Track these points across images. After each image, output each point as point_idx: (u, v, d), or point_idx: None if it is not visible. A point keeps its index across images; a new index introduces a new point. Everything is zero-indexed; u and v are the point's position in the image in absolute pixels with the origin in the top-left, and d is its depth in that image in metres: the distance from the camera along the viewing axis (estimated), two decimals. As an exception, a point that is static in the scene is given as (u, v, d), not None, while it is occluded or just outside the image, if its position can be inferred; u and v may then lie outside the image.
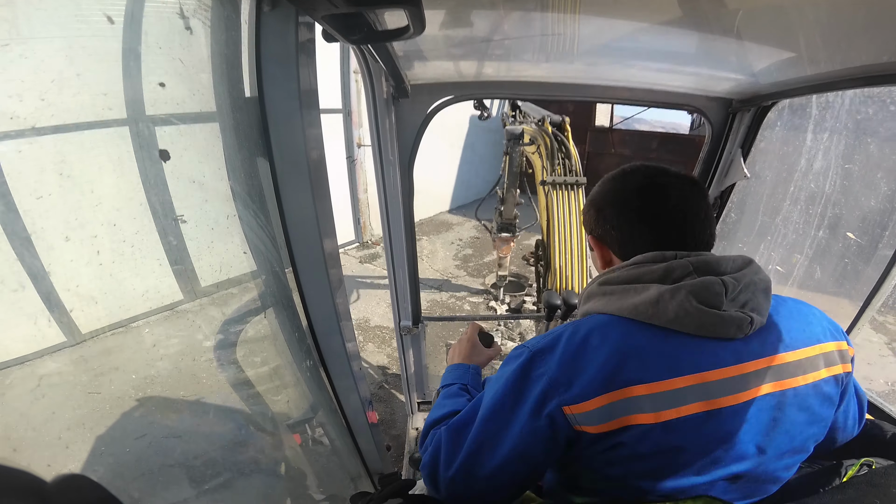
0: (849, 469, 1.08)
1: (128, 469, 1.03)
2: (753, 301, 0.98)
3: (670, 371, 0.92)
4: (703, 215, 1.10)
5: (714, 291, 0.94)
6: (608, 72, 2.18)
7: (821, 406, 1.01)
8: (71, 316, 0.94)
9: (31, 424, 0.85)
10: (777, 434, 0.97)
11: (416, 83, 2.24)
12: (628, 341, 0.96)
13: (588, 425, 0.94)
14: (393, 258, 2.78)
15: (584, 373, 0.94)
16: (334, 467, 2.00)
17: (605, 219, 1.17)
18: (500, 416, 1.02)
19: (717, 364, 0.94)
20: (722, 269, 1.00)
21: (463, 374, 1.49)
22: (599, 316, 1.05)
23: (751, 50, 1.59)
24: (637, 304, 0.99)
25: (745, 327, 0.95)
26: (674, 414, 0.91)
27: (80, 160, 0.90)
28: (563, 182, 3.28)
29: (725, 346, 0.96)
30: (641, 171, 1.14)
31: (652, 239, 1.09)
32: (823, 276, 3.37)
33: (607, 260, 1.21)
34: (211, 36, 1.02)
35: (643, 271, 1.03)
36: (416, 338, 3.28)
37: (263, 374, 1.49)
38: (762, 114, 2.31)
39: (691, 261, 1.00)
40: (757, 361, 0.96)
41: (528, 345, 1.06)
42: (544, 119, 3.80)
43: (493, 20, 1.42)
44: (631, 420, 0.92)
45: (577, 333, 1.00)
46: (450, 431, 1.09)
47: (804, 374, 0.99)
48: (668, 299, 0.95)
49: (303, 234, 1.27)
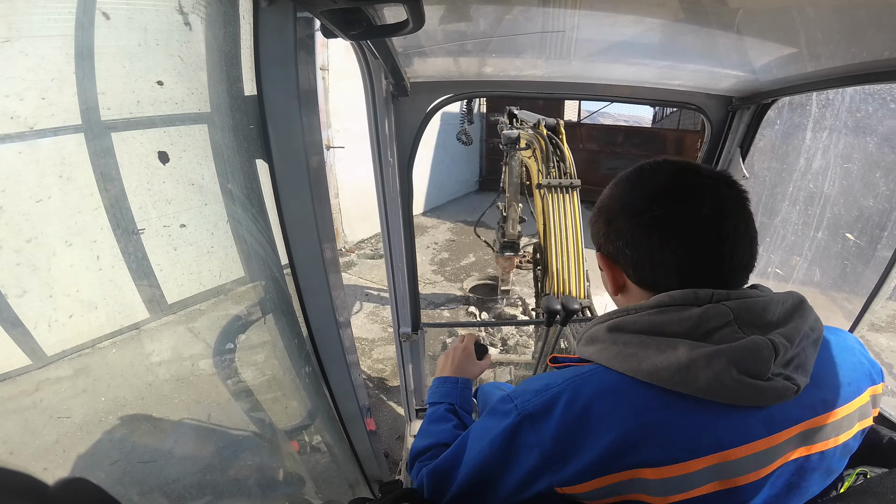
0: (846, 479, 1.01)
1: (126, 473, 1.02)
2: (800, 357, 0.81)
3: (689, 452, 0.77)
4: (744, 228, 0.86)
5: (762, 359, 0.75)
6: (608, 70, 2.18)
7: (840, 462, 0.89)
8: (71, 322, 0.93)
9: (28, 429, 0.84)
10: (791, 498, 0.84)
11: (416, 81, 2.24)
12: (642, 417, 0.78)
13: (584, 500, 0.82)
14: (392, 263, 2.76)
15: (583, 452, 0.79)
16: (332, 474, 1.99)
17: (616, 232, 0.92)
18: (484, 477, 0.90)
19: (744, 439, 0.78)
20: (769, 317, 0.81)
21: (451, 390, 1.38)
22: (606, 373, 0.85)
23: (751, 46, 1.59)
24: (660, 367, 0.78)
25: (788, 396, 0.78)
26: (683, 496, 0.78)
27: (81, 162, 0.88)
28: (558, 185, 3.28)
29: (758, 416, 0.79)
30: (664, 169, 0.91)
31: (675, 262, 0.86)
32: (823, 278, 3.36)
33: (620, 285, 0.99)
34: (209, 32, 1.01)
35: (668, 319, 0.82)
36: (415, 344, 3.26)
37: (262, 379, 1.48)
38: (762, 112, 2.32)
39: (731, 307, 0.79)
40: (791, 429, 0.81)
41: (517, 402, 0.88)
42: (539, 122, 3.83)
43: (493, 17, 1.42)
44: (633, 498, 0.80)
45: (578, 399, 0.82)
46: (431, 476, 0.99)
47: (837, 436, 0.85)
48: (703, 367, 0.75)
49: (302, 238, 1.27)
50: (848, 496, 0.91)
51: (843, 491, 1.00)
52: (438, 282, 8.57)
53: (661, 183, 0.89)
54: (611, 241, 0.94)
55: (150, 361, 1.10)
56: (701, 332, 0.79)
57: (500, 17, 1.41)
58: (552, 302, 2.39)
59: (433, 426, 1.26)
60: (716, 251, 0.84)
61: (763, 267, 3.31)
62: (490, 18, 1.44)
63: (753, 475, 0.79)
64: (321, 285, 1.35)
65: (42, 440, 0.85)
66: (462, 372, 1.47)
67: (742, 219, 0.86)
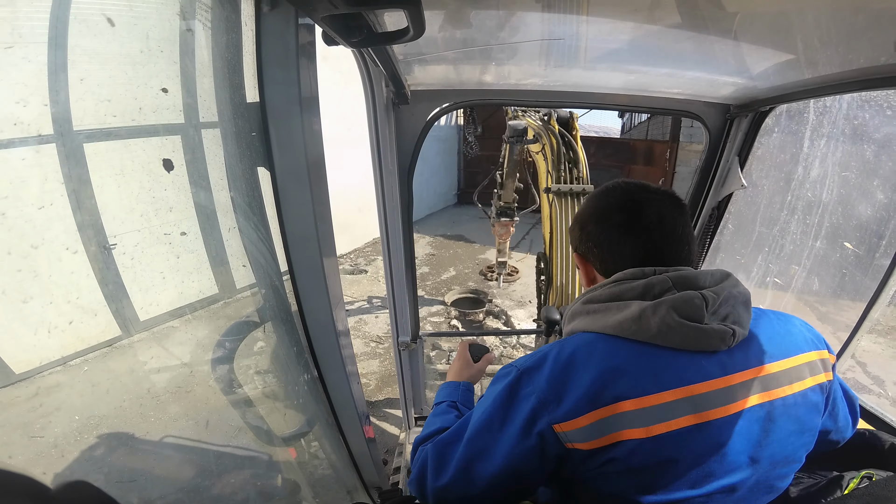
0: (850, 481, 1.11)
1: (124, 477, 1.02)
2: (734, 314, 1.01)
3: (657, 385, 0.93)
4: (680, 231, 1.11)
5: (694, 305, 0.96)
6: (606, 78, 2.19)
7: (808, 415, 1.02)
8: (71, 328, 0.93)
9: (28, 433, 0.84)
10: (769, 444, 0.97)
11: (417, 89, 2.25)
12: (614, 358, 0.97)
13: (579, 442, 0.94)
14: (392, 272, 2.76)
15: (572, 390, 0.95)
16: (331, 480, 1.98)
17: (587, 236, 1.18)
18: (488, 435, 1.03)
19: (703, 377, 0.95)
20: (700, 283, 1.02)
21: (453, 391, 1.50)
22: (584, 334, 1.06)
23: (749, 53, 1.61)
24: (620, 320, 1.00)
25: (728, 339, 0.97)
26: (664, 428, 0.92)
27: (84, 169, 0.88)
28: (569, 191, 3.02)
29: (710, 359, 0.97)
30: (621, 188, 1.16)
31: (631, 255, 1.11)
32: (821, 287, 3.37)
33: (591, 278, 1.24)
34: (212, 38, 1.01)
35: (624, 288, 1.05)
36: (413, 353, 3.26)
37: (261, 386, 1.47)
38: (760, 120, 2.33)
39: (670, 276, 1.02)
40: (743, 373, 0.97)
41: (517, 364, 1.07)
42: (550, 115, 3.53)
43: (493, 25, 1.43)
44: (622, 435, 0.92)
45: (564, 352, 1.01)
46: (436, 447, 1.12)
47: (790, 384, 1.00)
48: (650, 315, 0.97)
49: (302, 245, 1.27)
50: (852, 497, 0.96)
51: (848, 493, 1.03)
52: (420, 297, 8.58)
53: (621, 198, 1.14)
54: (584, 243, 1.20)
55: (149, 368, 1.10)
56: (650, 295, 1.02)
57: (501, 25, 1.42)
58: (552, 312, 2.42)
59: (437, 417, 1.36)
60: (659, 247, 1.10)
61: (762, 276, 3.31)
62: (490, 27, 1.45)
63: (721, 411, 0.94)
64: (321, 293, 1.35)
65: (41, 443, 0.85)
66: (462, 376, 1.58)
67: (680, 224, 1.11)
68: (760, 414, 0.96)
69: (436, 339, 6.34)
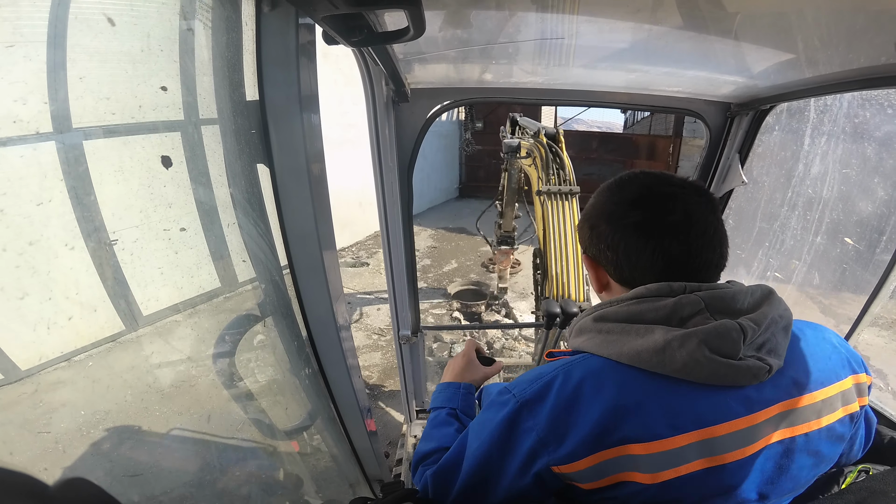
0: (848, 475, 1.07)
1: (126, 473, 1.02)
2: (772, 342, 0.87)
3: (672, 429, 0.83)
4: (712, 231, 0.94)
5: (731, 339, 0.82)
6: (607, 77, 2.19)
7: (830, 447, 0.92)
8: (71, 324, 0.93)
9: (31, 430, 0.84)
10: (781, 481, 0.88)
11: (417, 87, 2.25)
12: (626, 395, 0.85)
13: (579, 482, 0.88)
14: (392, 267, 2.77)
15: (575, 430, 0.85)
16: (333, 474, 1.99)
17: (598, 236, 1.02)
18: (487, 469, 0.95)
19: (725, 417, 0.84)
20: (738, 306, 0.89)
21: (453, 395, 1.41)
22: (593, 359, 0.92)
23: (749, 52, 1.60)
24: (639, 350, 0.86)
25: (762, 375, 0.84)
26: (672, 474, 0.83)
27: (82, 166, 0.89)
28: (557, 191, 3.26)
29: (736, 395, 0.85)
30: (639, 180, 1.01)
31: (652, 260, 0.95)
32: (822, 282, 3.37)
33: (604, 283, 1.08)
34: (212, 37, 1.01)
35: (646, 308, 0.90)
36: (414, 347, 3.27)
37: (263, 381, 1.48)
38: (760, 118, 2.32)
39: (703, 296, 0.87)
40: (770, 409, 0.86)
41: (514, 391, 0.95)
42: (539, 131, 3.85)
43: (493, 24, 1.43)
44: (625, 477, 0.84)
45: (569, 382, 0.89)
46: (435, 477, 1.04)
47: (818, 419, 0.89)
48: (677, 348, 0.83)
49: (302, 241, 1.27)
50: (850, 491, 0.93)
51: (846, 487, 1.02)
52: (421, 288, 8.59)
53: (638, 192, 0.99)
54: (594, 245, 1.04)
55: (150, 363, 1.11)
56: (676, 319, 0.88)
57: (501, 24, 1.42)
58: (552, 305, 2.41)
59: (435, 430, 1.28)
60: (687, 252, 0.93)
61: (763, 271, 3.32)
62: (490, 25, 1.45)
63: (738, 453, 0.84)
64: (321, 288, 1.35)
65: (43, 441, 0.85)
66: (464, 377, 1.49)
67: (711, 223, 0.95)
68: (778, 450, 0.87)
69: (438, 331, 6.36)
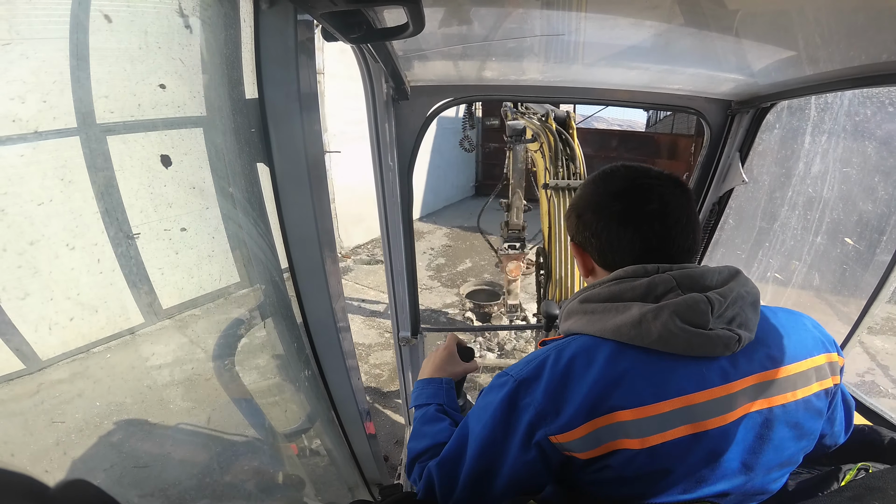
0: (846, 473, 1.09)
1: (125, 476, 1.02)
2: (741, 316, 0.95)
3: (655, 395, 0.89)
4: (685, 219, 1.04)
5: (699, 310, 0.91)
6: (607, 74, 2.19)
7: (809, 420, 0.98)
8: (72, 324, 0.93)
9: (28, 431, 0.84)
10: (764, 451, 0.94)
11: (416, 85, 2.24)
12: (612, 366, 0.92)
13: (576, 452, 0.92)
14: (392, 267, 2.77)
15: (570, 401, 0.91)
16: (332, 477, 1.98)
17: (584, 224, 1.11)
18: (492, 450, 1.00)
19: (703, 385, 0.91)
20: (707, 282, 0.97)
21: (437, 391, 1.42)
22: (582, 338, 1.00)
23: (750, 50, 1.60)
24: (619, 325, 0.95)
25: (733, 345, 0.91)
26: (659, 439, 0.89)
27: (82, 165, 0.88)
28: (566, 186, 3.16)
29: (711, 366, 0.92)
30: (621, 173, 1.10)
31: (631, 247, 1.05)
32: (822, 282, 3.37)
33: (589, 268, 1.17)
34: (210, 35, 1.01)
35: (624, 288, 0.99)
36: (414, 348, 3.25)
37: (262, 383, 1.47)
38: (761, 116, 2.31)
39: (674, 275, 0.97)
40: (745, 380, 0.93)
41: (512, 373, 1.02)
42: (548, 114, 3.63)
43: (493, 21, 1.43)
44: (617, 445, 0.90)
45: (561, 359, 0.96)
46: (440, 467, 1.07)
47: (794, 391, 0.96)
48: (651, 320, 0.91)
49: (302, 241, 1.27)
50: (849, 489, 0.96)
51: (845, 484, 1.03)
52: (435, 287, 8.55)
53: (620, 184, 1.08)
54: (580, 232, 1.13)
55: (149, 365, 1.10)
56: (651, 296, 0.96)
57: (500, 21, 1.42)
58: (551, 307, 2.41)
59: (427, 427, 1.29)
60: (662, 237, 1.03)
61: (763, 271, 3.31)
62: (489, 22, 1.44)
63: (719, 420, 0.91)
64: (321, 289, 1.35)
65: (42, 442, 0.85)
66: (445, 372, 1.49)
67: (684, 212, 1.04)
68: (758, 421, 0.93)
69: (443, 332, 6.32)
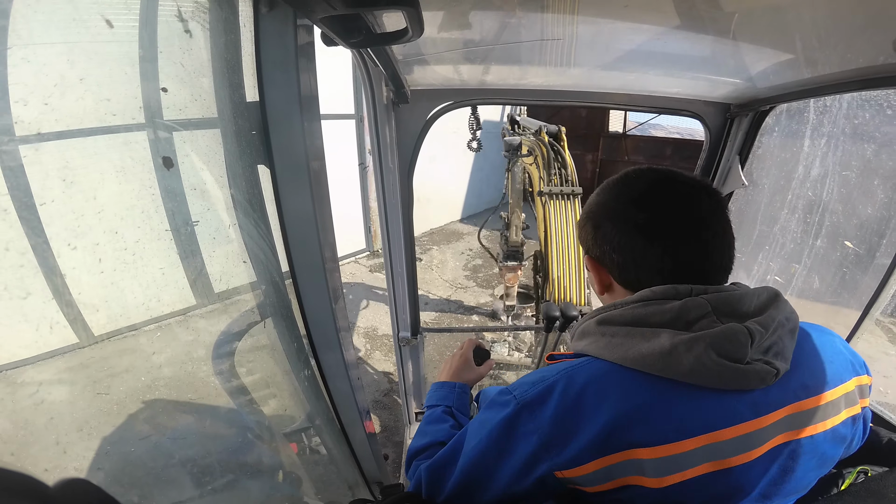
0: (846, 477, 1.07)
1: (125, 475, 1.02)
2: (778, 345, 0.85)
3: (678, 432, 0.81)
4: (722, 232, 0.93)
5: (739, 342, 0.80)
6: (607, 78, 2.19)
7: (833, 449, 0.91)
8: (71, 324, 0.93)
9: (29, 429, 0.84)
10: (785, 482, 0.87)
11: (416, 88, 2.25)
12: (632, 399, 0.82)
13: (583, 486, 0.85)
14: (392, 269, 2.78)
15: (579, 434, 0.83)
16: (332, 475, 1.98)
17: (603, 237, 0.98)
18: (481, 469, 0.92)
19: (733, 420, 0.82)
20: (745, 308, 0.86)
21: (448, 394, 1.41)
22: (597, 363, 0.90)
23: (748, 53, 1.60)
24: (645, 354, 0.83)
25: (769, 379, 0.82)
26: (678, 478, 0.81)
27: (83, 166, 0.89)
28: (559, 192, 3.32)
29: (743, 398, 0.83)
30: (646, 177, 0.97)
31: (660, 264, 0.92)
32: (822, 286, 3.37)
33: (606, 285, 1.05)
34: (210, 39, 1.02)
35: (651, 311, 0.88)
36: (414, 348, 3.27)
37: (262, 382, 1.48)
38: (760, 119, 2.32)
39: (709, 299, 0.85)
40: (777, 412, 0.84)
41: (515, 393, 0.92)
42: (541, 129, 3.85)
43: (492, 25, 1.43)
44: (630, 481, 0.82)
45: (572, 387, 0.86)
46: (430, 471, 1.02)
47: (823, 421, 0.88)
48: (684, 352, 0.80)
49: (303, 243, 1.27)
50: (849, 493, 0.94)
51: (844, 488, 1.02)
52: (470, 287, 8.50)
53: (644, 190, 0.96)
54: (598, 245, 1.00)
55: (150, 364, 1.11)
56: (682, 322, 0.85)
57: (499, 25, 1.42)
58: (551, 308, 2.40)
59: (430, 426, 1.28)
60: (695, 254, 0.91)
61: (762, 274, 3.31)
62: (489, 27, 1.45)
63: (744, 456, 0.82)
64: (321, 289, 1.36)
65: (42, 441, 0.86)
66: (459, 377, 1.50)
67: (720, 225, 0.93)
68: (783, 452, 0.85)
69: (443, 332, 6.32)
